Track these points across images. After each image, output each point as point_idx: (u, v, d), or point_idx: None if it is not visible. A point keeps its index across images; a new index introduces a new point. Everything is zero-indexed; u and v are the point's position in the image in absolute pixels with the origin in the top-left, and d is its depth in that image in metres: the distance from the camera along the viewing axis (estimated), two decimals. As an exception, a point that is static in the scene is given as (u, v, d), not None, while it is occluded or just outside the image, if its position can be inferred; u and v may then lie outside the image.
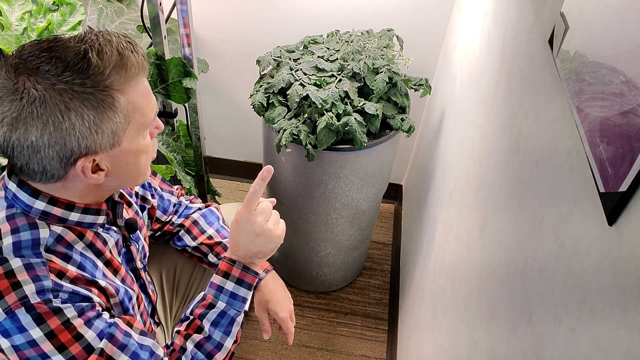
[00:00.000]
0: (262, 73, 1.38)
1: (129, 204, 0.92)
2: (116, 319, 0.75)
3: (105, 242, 0.80)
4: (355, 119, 1.20)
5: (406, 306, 1.49)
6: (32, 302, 0.66)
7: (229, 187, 2.08)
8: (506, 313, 0.69)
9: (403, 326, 1.49)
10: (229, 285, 0.87)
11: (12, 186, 0.70)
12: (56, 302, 0.67)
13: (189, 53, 1.31)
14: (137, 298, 0.87)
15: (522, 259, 0.67)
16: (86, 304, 0.71)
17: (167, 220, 1.06)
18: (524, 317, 0.63)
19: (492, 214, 0.82)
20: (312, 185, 1.35)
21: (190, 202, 1.11)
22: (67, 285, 0.69)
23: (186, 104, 1.38)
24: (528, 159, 0.71)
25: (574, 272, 0.52)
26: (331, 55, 1.32)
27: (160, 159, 1.43)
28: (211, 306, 0.85)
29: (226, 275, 0.87)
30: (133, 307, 0.84)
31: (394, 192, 2.06)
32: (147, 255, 0.98)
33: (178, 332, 0.87)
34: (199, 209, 1.10)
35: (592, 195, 0.50)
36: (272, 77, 1.31)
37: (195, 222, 1.08)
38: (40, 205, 0.70)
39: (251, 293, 0.89)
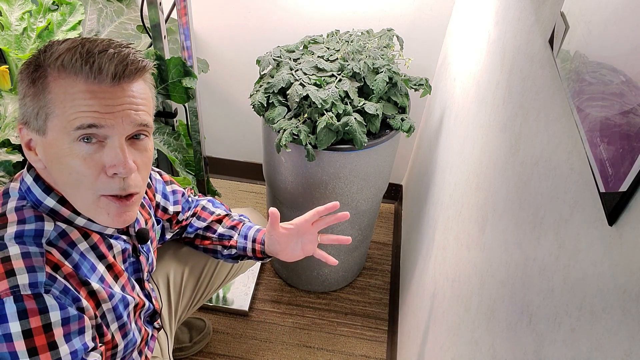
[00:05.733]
0: (262, 73, 1.38)
1: (149, 214, 0.92)
2: (94, 353, 0.72)
3: (110, 247, 0.79)
4: (355, 119, 1.20)
5: (406, 306, 1.49)
6: (21, 293, 0.64)
7: (229, 187, 2.08)
8: (506, 313, 0.69)
9: (403, 326, 1.49)
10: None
11: (28, 179, 0.72)
12: (47, 299, 0.66)
13: (190, 64, 1.32)
14: (137, 305, 0.86)
15: (522, 259, 0.67)
16: (73, 314, 0.69)
17: (183, 218, 1.10)
18: (524, 317, 0.63)
19: (492, 214, 0.82)
20: (312, 185, 1.35)
21: (198, 197, 1.16)
22: (60, 279, 0.68)
23: (186, 104, 1.38)
24: (528, 159, 0.70)
25: (574, 272, 0.52)
26: (331, 55, 1.32)
27: (161, 162, 1.43)
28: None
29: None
30: (129, 315, 0.83)
31: (394, 192, 2.06)
32: (154, 269, 0.99)
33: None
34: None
35: (592, 195, 0.50)
36: (272, 77, 1.30)
37: (203, 208, 1.13)
38: (50, 202, 0.71)
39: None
